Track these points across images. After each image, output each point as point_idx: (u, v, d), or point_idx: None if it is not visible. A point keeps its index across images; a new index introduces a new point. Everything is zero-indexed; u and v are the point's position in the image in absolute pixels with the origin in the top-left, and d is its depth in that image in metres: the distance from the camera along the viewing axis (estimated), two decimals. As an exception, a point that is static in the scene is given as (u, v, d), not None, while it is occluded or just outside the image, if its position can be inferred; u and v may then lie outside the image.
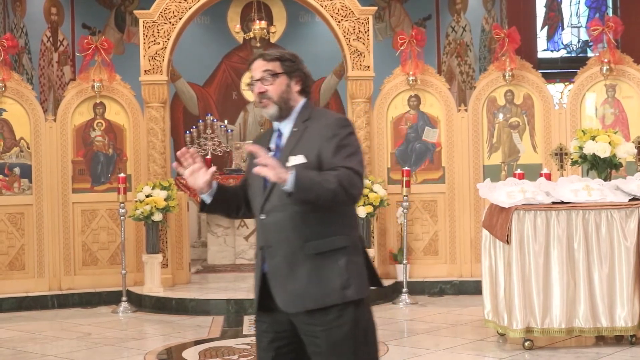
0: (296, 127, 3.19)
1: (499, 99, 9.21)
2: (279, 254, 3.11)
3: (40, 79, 12.96)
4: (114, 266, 8.95)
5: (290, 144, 3.16)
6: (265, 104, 3.20)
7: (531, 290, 6.15)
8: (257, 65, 3.21)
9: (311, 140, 3.12)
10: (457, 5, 13.94)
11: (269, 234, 3.14)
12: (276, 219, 3.11)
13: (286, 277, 3.09)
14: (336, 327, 3.06)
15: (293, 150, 3.13)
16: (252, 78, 3.23)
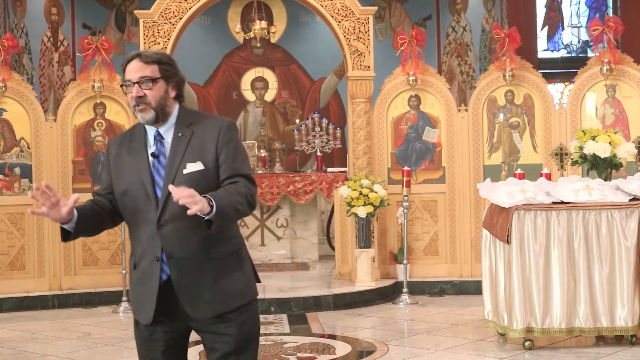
0: (180, 132, 3.12)
1: (499, 99, 9.21)
2: (184, 262, 3.08)
3: (41, 79, 12.96)
4: (115, 266, 8.95)
5: (178, 149, 3.09)
6: (143, 109, 3.09)
7: (531, 290, 6.15)
8: (134, 67, 3.09)
9: (203, 145, 3.09)
10: (457, 5, 13.94)
11: (169, 243, 3.07)
12: (176, 227, 3.06)
13: (195, 285, 3.09)
14: (248, 323, 3.19)
15: (185, 156, 3.08)
16: (127, 79, 3.10)
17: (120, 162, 3.19)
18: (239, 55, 14.06)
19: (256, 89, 13.91)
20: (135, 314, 3.21)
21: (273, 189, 10.36)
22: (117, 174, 3.19)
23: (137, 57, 3.12)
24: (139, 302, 3.17)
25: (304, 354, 6.38)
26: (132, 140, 3.19)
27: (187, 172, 3.05)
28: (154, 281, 3.10)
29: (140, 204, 3.10)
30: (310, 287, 8.87)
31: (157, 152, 3.12)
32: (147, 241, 3.10)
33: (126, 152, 3.18)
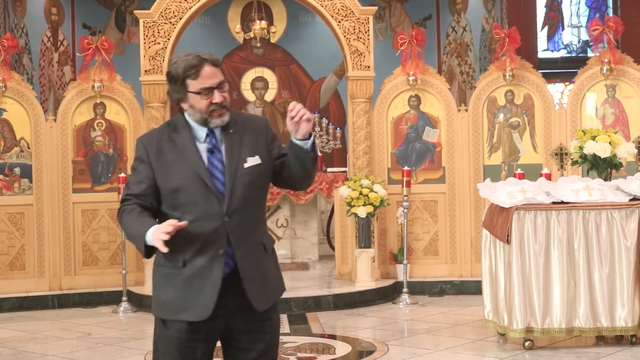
0: (231, 128, 3.16)
1: (499, 99, 9.21)
2: (247, 254, 3.11)
3: (41, 79, 12.96)
4: (115, 266, 8.95)
5: (234, 145, 3.14)
6: (223, 113, 3.12)
7: (531, 290, 6.15)
8: (211, 72, 3.09)
9: (256, 141, 3.20)
10: (457, 5, 13.94)
11: (235, 235, 3.08)
12: (241, 219, 3.10)
13: (257, 275, 3.14)
14: (278, 320, 3.30)
15: (242, 150, 3.14)
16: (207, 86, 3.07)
17: (165, 158, 3.12)
18: (239, 55, 14.07)
19: (256, 89, 13.92)
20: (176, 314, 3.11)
21: (273, 189, 10.35)
22: (164, 170, 3.11)
23: (209, 62, 3.10)
24: (190, 300, 3.09)
25: (304, 354, 6.38)
26: (174, 134, 3.16)
27: (247, 166, 3.12)
28: (215, 275, 3.08)
29: (199, 199, 3.07)
30: (310, 287, 8.87)
31: (213, 147, 3.13)
32: (210, 235, 3.07)
33: (170, 148, 3.13)
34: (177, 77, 3.10)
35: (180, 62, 3.10)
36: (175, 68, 3.11)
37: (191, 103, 3.11)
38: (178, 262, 3.10)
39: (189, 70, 3.07)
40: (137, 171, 3.16)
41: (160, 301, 3.16)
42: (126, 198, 3.15)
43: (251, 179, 3.11)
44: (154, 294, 3.21)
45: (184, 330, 3.12)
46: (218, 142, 3.15)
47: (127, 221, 3.10)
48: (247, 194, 3.11)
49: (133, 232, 3.07)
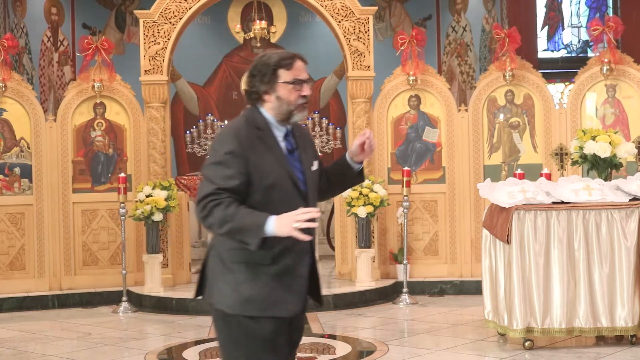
0: (297, 132, 3.25)
1: (499, 99, 9.20)
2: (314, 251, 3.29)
3: (41, 79, 12.96)
4: (115, 266, 8.95)
5: (304, 147, 3.25)
6: (306, 107, 3.18)
7: (531, 290, 6.15)
8: (302, 66, 3.16)
9: (311, 148, 3.32)
10: (457, 5, 13.94)
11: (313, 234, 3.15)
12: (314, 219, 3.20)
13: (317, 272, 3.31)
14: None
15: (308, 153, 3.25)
16: (299, 78, 3.13)
17: (258, 155, 3.10)
18: (239, 55, 14.06)
19: (256, 89, 13.90)
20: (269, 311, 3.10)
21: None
22: (260, 166, 3.10)
23: (300, 58, 3.16)
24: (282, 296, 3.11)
25: (304, 354, 6.38)
26: (259, 131, 3.15)
27: (314, 169, 3.24)
28: (305, 269, 3.19)
29: (290, 197, 3.12)
30: (310, 287, 8.85)
31: (291, 147, 3.20)
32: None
33: (261, 144, 3.12)
34: (268, 67, 3.12)
35: (272, 54, 3.16)
36: (267, 58, 3.14)
37: (279, 94, 3.12)
38: (265, 259, 3.09)
39: (284, 61, 3.12)
40: (227, 165, 3.05)
41: (245, 298, 3.09)
42: (217, 192, 3.03)
43: (315, 181, 3.27)
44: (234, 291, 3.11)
45: (274, 327, 3.12)
46: (294, 143, 3.22)
47: (234, 214, 2.99)
48: (316, 195, 3.28)
49: (244, 224, 2.98)
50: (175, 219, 9.06)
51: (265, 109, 3.17)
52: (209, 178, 3.07)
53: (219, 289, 3.15)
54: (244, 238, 2.98)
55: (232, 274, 3.12)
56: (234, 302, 3.11)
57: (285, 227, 2.93)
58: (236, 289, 3.11)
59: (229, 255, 3.13)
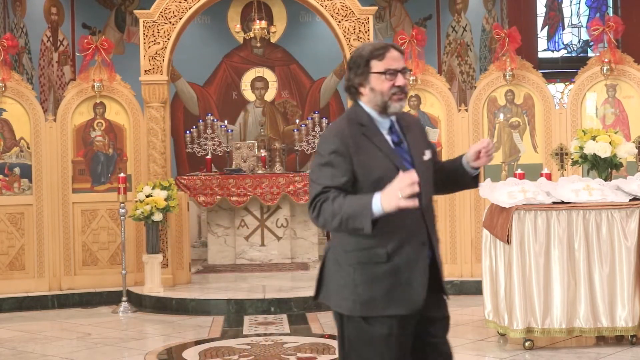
0: (404, 122, 3.23)
1: (500, 98, 9.20)
2: (436, 244, 3.27)
3: (40, 79, 12.95)
4: (114, 266, 8.94)
5: (413, 137, 3.21)
6: (403, 98, 3.14)
7: (532, 290, 6.15)
8: (396, 56, 3.13)
9: (422, 138, 3.28)
10: (457, 5, 13.93)
11: (431, 226, 3.19)
12: (430, 212, 3.22)
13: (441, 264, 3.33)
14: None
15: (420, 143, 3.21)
16: (392, 68, 3.10)
17: (363, 151, 3.09)
18: (239, 55, 14.05)
19: (256, 89, 13.91)
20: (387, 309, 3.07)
21: (273, 189, 10.35)
22: (365, 162, 3.07)
23: (394, 47, 3.14)
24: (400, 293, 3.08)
25: (304, 354, 6.38)
26: (362, 127, 3.14)
27: (426, 158, 3.19)
28: (423, 264, 3.15)
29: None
30: (310, 287, 8.78)
31: (397, 139, 3.18)
32: (413, 227, 3.11)
33: (365, 140, 3.11)
34: (362, 58, 3.13)
35: (366, 45, 3.16)
36: (361, 50, 3.16)
37: (372, 85, 3.13)
38: (381, 257, 3.08)
39: (376, 52, 3.12)
40: (333, 165, 3.05)
41: (363, 300, 3.07)
42: (323, 190, 3.03)
43: (430, 171, 3.22)
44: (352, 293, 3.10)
45: (395, 325, 3.08)
46: (400, 135, 3.19)
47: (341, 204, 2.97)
48: (430, 186, 3.22)
49: (352, 210, 2.95)
50: (175, 219, 9.05)
51: (364, 102, 3.18)
52: (315, 180, 3.08)
53: (336, 291, 3.15)
54: (355, 224, 2.94)
55: (349, 275, 3.10)
56: (352, 303, 3.10)
57: (390, 201, 2.87)
58: (354, 291, 3.09)
59: (345, 258, 3.12)
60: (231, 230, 10.67)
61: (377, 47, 3.12)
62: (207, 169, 11.08)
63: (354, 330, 3.11)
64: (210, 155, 11.32)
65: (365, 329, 3.09)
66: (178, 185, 9.77)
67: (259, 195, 10.34)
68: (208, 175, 10.59)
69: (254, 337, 7.06)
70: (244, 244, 10.63)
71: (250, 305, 8.18)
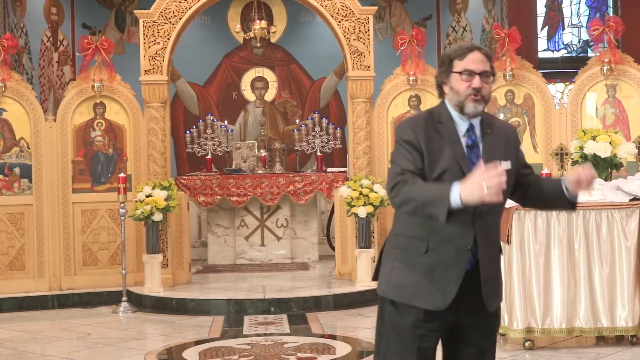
0: (488, 129, 3.22)
1: (500, 98, 9.20)
2: (487, 253, 3.22)
3: (40, 79, 12.95)
4: (114, 266, 8.94)
5: (492, 145, 3.20)
6: (479, 99, 3.14)
7: (532, 290, 6.15)
8: (479, 58, 3.15)
9: (506, 147, 3.26)
10: (457, 5, 13.93)
11: (481, 234, 3.15)
12: (489, 220, 3.19)
13: (494, 276, 3.30)
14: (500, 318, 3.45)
15: (498, 153, 3.17)
16: (470, 69, 3.13)
17: (432, 145, 3.14)
18: (239, 55, 14.05)
19: (256, 89, 13.91)
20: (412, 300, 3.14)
21: (273, 189, 10.35)
22: (433, 156, 3.13)
23: (478, 49, 3.17)
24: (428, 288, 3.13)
25: (304, 354, 6.38)
26: (439, 124, 3.18)
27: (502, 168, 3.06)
28: (460, 268, 3.14)
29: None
30: (310, 287, 8.86)
31: (472, 143, 3.18)
32: (458, 229, 3.11)
33: (436, 135, 3.15)
34: (446, 57, 3.20)
35: (455, 44, 3.27)
36: (449, 49, 3.25)
37: (452, 84, 3.17)
38: (421, 247, 3.14)
39: (459, 51, 3.16)
40: (408, 151, 3.14)
41: (394, 284, 3.18)
42: (402, 172, 3.10)
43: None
44: (388, 275, 3.22)
45: (420, 318, 3.15)
46: (477, 139, 3.19)
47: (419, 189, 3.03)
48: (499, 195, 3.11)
49: (429, 196, 3.00)
50: (175, 219, 9.05)
51: (447, 100, 3.22)
52: (394, 161, 3.18)
53: (381, 271, 3.28)
54: (431, 211, 2.98)
55: (391, 258, 3.23)
56: (385, 285, 3.22)
57: (473, 192, 2.87)
58: (389, 274, 3.22)
59: (394, 240, 3.25)
60: (231, 230, 10.67)
61: (461, 47, 3.18)
62: (207, 169, 11.08)
63: (386, 312, 3.25)
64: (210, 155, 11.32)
65: (393, 313, 3.21)
66: (178, 185, 9.77)
67: (259, 195, 10.34)
68: (208, 175, 10.59)
69: (254, 337, 7.06)
70: (244, 244, 10.63)
71: (250, 305, 8.18)
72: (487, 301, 3.22)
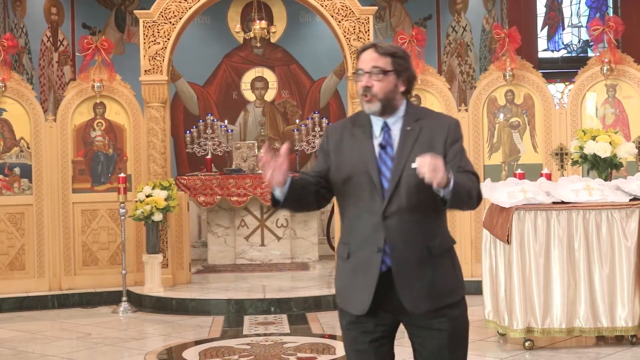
0: (409, 125, 3.11)
1: (500, 98, 9.20)
2: (404, 255, 3.06)
3: (41, 79, 12.96)
4: (114, 266, 8.94)
5: (407, 143, 3.07)
6: (369, 99, 3.08)
7: (532, 290, 6.15)
8: (367, 57, 3.08)
9: (432, 141, 3.08)
10: (457, 5, 13.93)
11: (392, 235, 3.04)
12: (401, 220, 3.04)
13: (414, 278, 3.07)
14: (460, 320, 3.37)
15: (413, 150, 3.04)
16: (359, 68, 3.09)
17: (342, 147, 3.14)
18: (239, 55, 14.06)
19: (256, 89, 13.91)
20: (344, 305, 3.16)
21: (273, 189, 10.33)
22: (339, 159, 3.13)
23: (372, 47, 3.10)
24: (352, 293, 3.12)
25: (304, 354, 6.38)
26: (355, 127, 3.15)
27: (414, 166, 2.97)
28: (373, 272, 3.06)
29: (365, 193, 3.06)
30: (310, 287, 8.86)
31: (384, 142, 3.10)
32: (369, 231, 3.06)
33: (349, 138, 3.14)
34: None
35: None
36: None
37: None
38: (344, 252, 3.15)
39: (358, 52, 3.16)
40: (317, 159, 3.26)
41: (336, 288, 3.25)
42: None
43: (417, 180, 2.93)
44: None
45: (350, 321, 3.16)
46: (391, 138, 3.11)
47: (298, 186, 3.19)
48: (411, 195, 3.02)
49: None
50: (175, 219, 9.05)
51: None
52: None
53: None
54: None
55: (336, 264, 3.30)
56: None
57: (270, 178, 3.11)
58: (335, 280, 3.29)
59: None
60: (231, 230, 10.67)
61: (360, 49, 3.16)
62: (207, 169, 11.08)
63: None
64: (210, 155, 11.32)
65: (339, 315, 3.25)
66: (178, 185, 9.77)
67: (259, 195, 10.34)
68: (208, 175, 10.59)
69: (254, 337, 7.06)
70: (244, 244, 10.63)
71: (250, 305, 8.18)
72: (407, 302, 3.06)
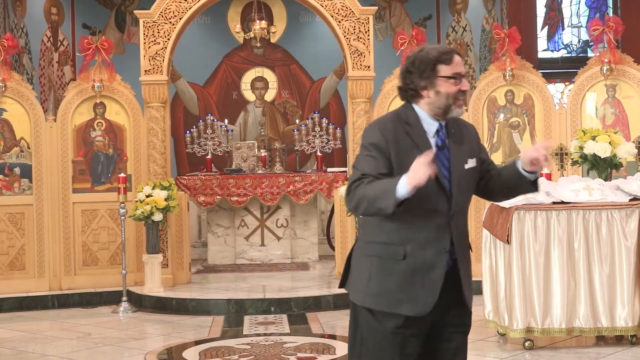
0: (452, 128, 3.19)
1: (500, 98, 9.20)
2: (463, 253, 3.27)
3: (41, 79, 12.96)
4: (115, 266, 8.95)
5: (458, 144, 3.18)
6: (462, 105, 3.16)
7: (532, 290, 6.15)
8: (460, 61, 3.14)
9: (470, 144, 3.23)
10: (457, 5, 13.93)
11: (456, 234, 3.17)
12: (460, 218, 3.21)
13: (468, 274, 3.31)
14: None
15: (464, 151, 3.18)
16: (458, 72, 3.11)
17: (399, 147, 3.10)
18: (239, 55, 14.05)
19: (256, 89, 13.91)
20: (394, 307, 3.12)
21: (273, 189, 10.35)
22: (399, 159, 3.09)
23: (455, 52, 3.15)
24: (411, 294, 3.11)
25: (304, 354, 6.38)
26: (407, 125, 3.14)
27: (467, 167, 3.15)
28: (439, 272, 3.14)
29: (432, 194, 3.08)
30: (310, 287, 8.86)
31: (442, 144, 3.15)
32: (434, 232, 3.12)
33: (404, 137, 3.12)
34: (428, 62, 3.11)
35: (431, 49, 3.14)
36: (426, 53, 3.13)
37: (438, 89, 3.11)
38: (398, 253, 3.12)
39: (444, 55, 3.12)
40: (372, 157, 3.10)
41: (373, 292, 3.14)
42: (361, 177, 3.06)
43: (468, 180, 3.19)
44: (365, 285, 3.17)
45: (400, 324, 3.13)
46: (446, 139, 3.16)
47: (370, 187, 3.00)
48: (466, 194, 3.21)
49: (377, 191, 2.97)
50: (175, 219, 9.06)
51: (420, 105, 3.16)
52: (355, 166, 3.14)
53: (354, 280, 3.23)
54: (379, 205, 2.95)
55: (367, 266, 3.17)
56: (362, 295, 3.18)
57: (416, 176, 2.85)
58: (367, 283, 3.16)
59: (366, 248, 3.20)
60: (231, 230, 10.67)
61: (444, 52, 3.13)
62: (207, 169, 11.08)
63: (363, 321, 3.20)
64: (210, 155, 11.32)
65: (372, 321, 3.16)
66: (178, 185, 9.77)
67: (259, 195, 10.34)
68: (208, 175, 10.59)
69: (254, 337, 7.06)
70: (244, 244, 10.63)
71: (250, 305, 8.19)
72: (468, 298, 3.28)
